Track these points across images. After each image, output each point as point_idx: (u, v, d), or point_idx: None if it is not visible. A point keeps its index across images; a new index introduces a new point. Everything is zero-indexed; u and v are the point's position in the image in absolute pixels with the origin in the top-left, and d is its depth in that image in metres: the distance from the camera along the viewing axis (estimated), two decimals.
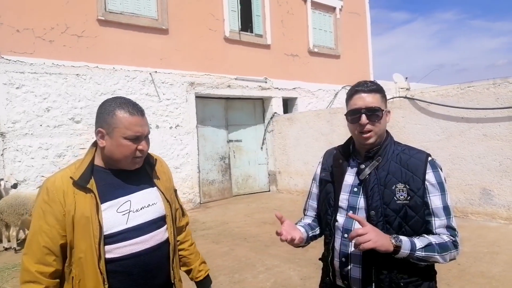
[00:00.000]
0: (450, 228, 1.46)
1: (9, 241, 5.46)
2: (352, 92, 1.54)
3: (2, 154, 6.06)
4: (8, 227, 5.43)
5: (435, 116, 6.24)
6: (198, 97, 8.53)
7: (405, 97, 6.69)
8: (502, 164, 5.55)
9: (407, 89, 9.99)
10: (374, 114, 1.49)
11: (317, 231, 1.72)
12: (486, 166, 5.71)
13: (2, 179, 5.81)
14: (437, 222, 1.46)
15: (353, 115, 1.52)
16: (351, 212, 1.52)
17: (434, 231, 1.46)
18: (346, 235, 1.51)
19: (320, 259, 1.70)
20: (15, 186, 5.70)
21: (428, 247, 1.40)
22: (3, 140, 6.07)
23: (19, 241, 5.69)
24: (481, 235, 5.08)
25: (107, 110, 1.44)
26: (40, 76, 6.47)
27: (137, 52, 7.59)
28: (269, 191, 9.83)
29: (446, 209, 1.47)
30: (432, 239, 1.43)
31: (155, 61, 7.83)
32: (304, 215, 1.80)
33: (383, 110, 1.51)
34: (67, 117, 6.68)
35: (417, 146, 1.62)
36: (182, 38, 8.23)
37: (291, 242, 1.50)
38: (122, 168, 1.49)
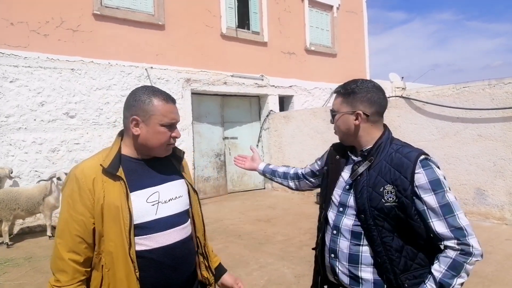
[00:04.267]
0: (455, 229, 1.32)
1: (1, 236, 5.42)
2: None
3: None
4: (0, 222, 5.38)
5: (431, 116, 6.26)
6: (194, 93, 8.49)
7: (401, 97, 6.70)
8: (496, 165, 5.58)
9: (403, 88, 10.02)
10: (332, 115, 1.62)
11: (279, 179, 2.14)
12: (481, 166, 5.74)
13: None
14: (437, 224, 1.34)
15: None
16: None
17: (437, 235, 1.35)
18: (335, 232, 1.54)
19: (313, 248, 1.73)
20: (11, 172, 5.88)
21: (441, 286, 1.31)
22: None
23: (12, 236, 5.64)
24: None
25: (142, 98, 1.46)
26: (35, 70, 6.40)
27: (132, 48, 7.53)
28: (264, 188, 9.82)
29: (446, 207, 1.34)
30: (436, 273, 1.33)
31: (151, 56, 7.77)
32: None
33: (337, 112, 1.57)
34: (61, 112, 6.62)
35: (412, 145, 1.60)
36: (178, 34, 8.18)
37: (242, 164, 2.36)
38: (155, 155, 1.49)
